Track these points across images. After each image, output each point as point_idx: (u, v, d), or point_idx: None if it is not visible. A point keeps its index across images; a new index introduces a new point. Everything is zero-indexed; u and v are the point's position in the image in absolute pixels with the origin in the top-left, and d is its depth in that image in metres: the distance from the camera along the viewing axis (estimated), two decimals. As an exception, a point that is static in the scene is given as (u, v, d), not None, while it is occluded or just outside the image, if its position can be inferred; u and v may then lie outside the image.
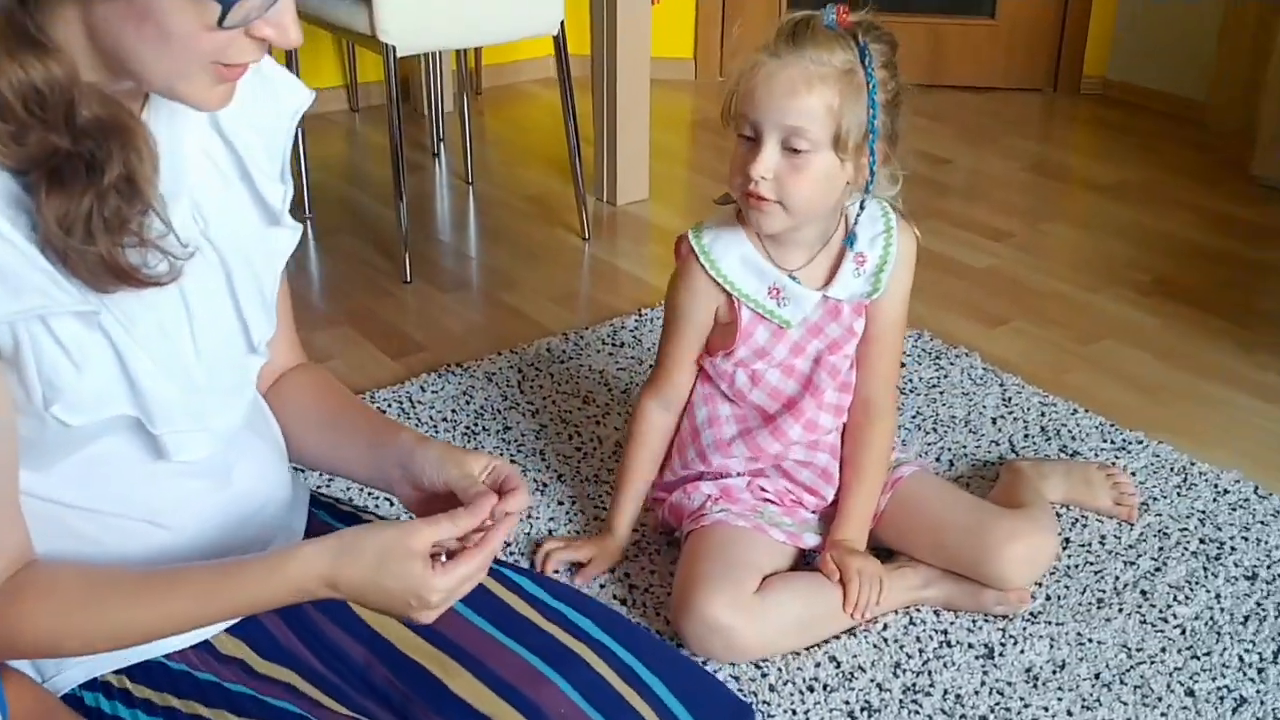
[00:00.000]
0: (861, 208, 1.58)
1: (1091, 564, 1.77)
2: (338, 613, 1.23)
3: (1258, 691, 1.55)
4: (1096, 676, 1.57)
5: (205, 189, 1.07)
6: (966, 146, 3.55)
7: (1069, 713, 1.52)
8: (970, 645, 1.62)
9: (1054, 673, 1.58)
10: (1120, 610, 1.69)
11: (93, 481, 1.04)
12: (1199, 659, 1.60)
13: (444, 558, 1.04)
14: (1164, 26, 3.74)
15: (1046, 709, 1.52)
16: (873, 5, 1.55)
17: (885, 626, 1.65)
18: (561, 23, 2.68)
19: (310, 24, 2.71)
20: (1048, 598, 1.70)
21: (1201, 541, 1.82)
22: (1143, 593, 1.72)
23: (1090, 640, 1.63)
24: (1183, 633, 1.65)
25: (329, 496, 1.36)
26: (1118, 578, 1.75)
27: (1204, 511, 1.89)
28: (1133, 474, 1.96)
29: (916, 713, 1.51)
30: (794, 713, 1.51)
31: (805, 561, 1.71)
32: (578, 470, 1.97)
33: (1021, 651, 1.61)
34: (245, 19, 0.92)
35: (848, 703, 1.53)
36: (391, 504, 1.83)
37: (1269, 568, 1.77)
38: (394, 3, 2.47)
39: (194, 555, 1.11)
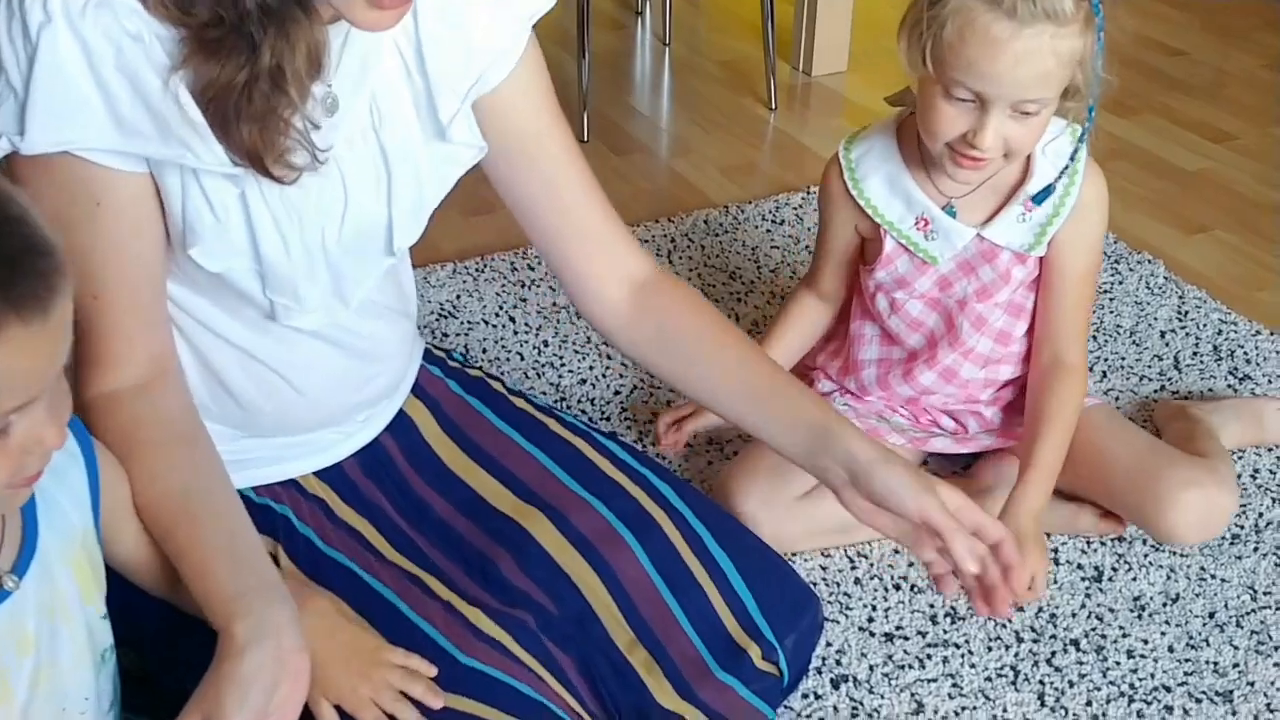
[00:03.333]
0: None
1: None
2: (426, 468, 1.27)
3: (1391, 654, 1.43)
4: (1211, 615, 1.48)
5: (388, 86, 1.07)
6: (1208, 38, 3.25)
7: (1170, 649, 1.43)
8: (1079, 566, 1.54)
9: (1164, 605, 1.49)
10: (1255, 549, 1.57)
11: (232, 317, 1.10)
12: (1331, 611, 1.48)
13: None
14: None
15: (1146, 641, 1.44)
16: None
17: (994, 536, 1.58)
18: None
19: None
20: (1177, 526, 1.59)
21: (1368, 487, 1.68)
22: (1285, 534, 1.60)
23: (1213, 576, 1.53)
24: (1321, 581, 1.53)
25: (441, 350, 1.40)
26: (1261, 515, 1.62)
27: (1379, 455, 1.73)
28: (1306, 407, 1.81)
29: (1004, 626, 1.46)
30: (874, 608, 1.48)
31: (924, 463, 1.65)
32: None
33: (1134, 579, 1.52)
34: None
35: (932, 605, 1.48)
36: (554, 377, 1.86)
37: None
38: None
39: (319, 409, 1.18)
